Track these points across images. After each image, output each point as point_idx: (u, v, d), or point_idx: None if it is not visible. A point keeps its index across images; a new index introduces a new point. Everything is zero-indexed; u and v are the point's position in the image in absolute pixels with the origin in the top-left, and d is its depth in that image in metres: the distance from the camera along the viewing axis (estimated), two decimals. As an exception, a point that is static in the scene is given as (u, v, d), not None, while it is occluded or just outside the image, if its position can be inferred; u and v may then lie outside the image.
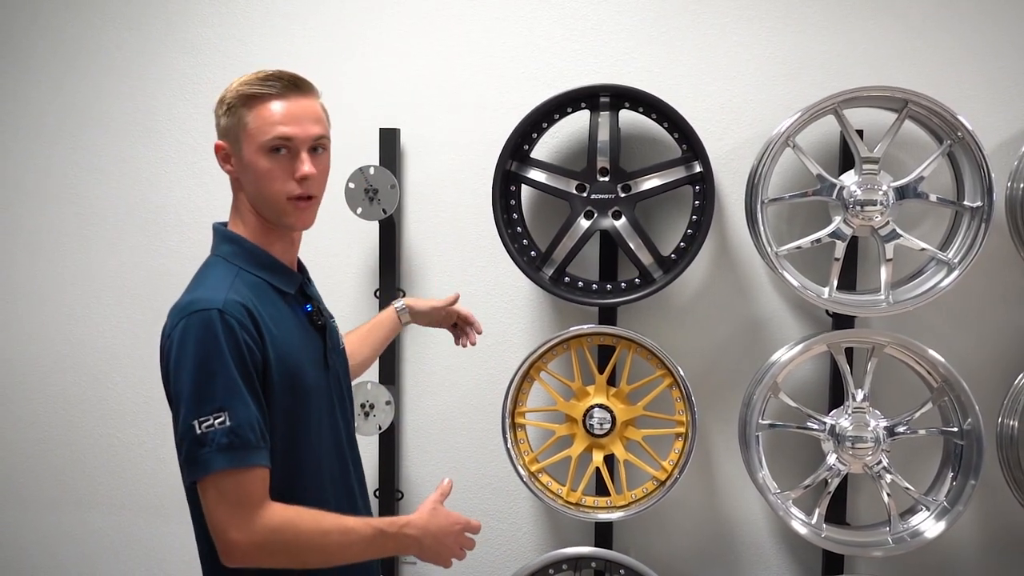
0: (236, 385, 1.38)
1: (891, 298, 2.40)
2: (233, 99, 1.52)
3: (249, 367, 1.42)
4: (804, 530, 2.42)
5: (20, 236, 3.05)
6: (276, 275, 1.57)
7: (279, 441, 1.49)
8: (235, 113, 1.52)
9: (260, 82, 1.53)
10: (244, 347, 1.41)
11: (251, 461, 1.39)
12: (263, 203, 1.54)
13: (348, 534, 1.45)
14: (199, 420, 1.37)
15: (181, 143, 2.92)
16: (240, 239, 1.56)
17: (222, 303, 1.42)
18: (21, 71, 2.98)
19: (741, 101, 2.65)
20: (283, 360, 1.49)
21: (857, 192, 2.36)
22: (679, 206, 2.65)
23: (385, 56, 2.79)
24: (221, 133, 1.55)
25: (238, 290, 1.47)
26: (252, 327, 1.44)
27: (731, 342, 2.71)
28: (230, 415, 1.37)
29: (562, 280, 2.53)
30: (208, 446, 1.36)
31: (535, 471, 2.56)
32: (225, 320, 1.40)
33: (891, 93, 2.33)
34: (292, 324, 1.56)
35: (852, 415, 2.43)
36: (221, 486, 1.37)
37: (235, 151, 1.53)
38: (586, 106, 2.47)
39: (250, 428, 1.39)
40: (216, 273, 1.52)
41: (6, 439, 3.13)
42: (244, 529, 1.38)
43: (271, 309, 1.52)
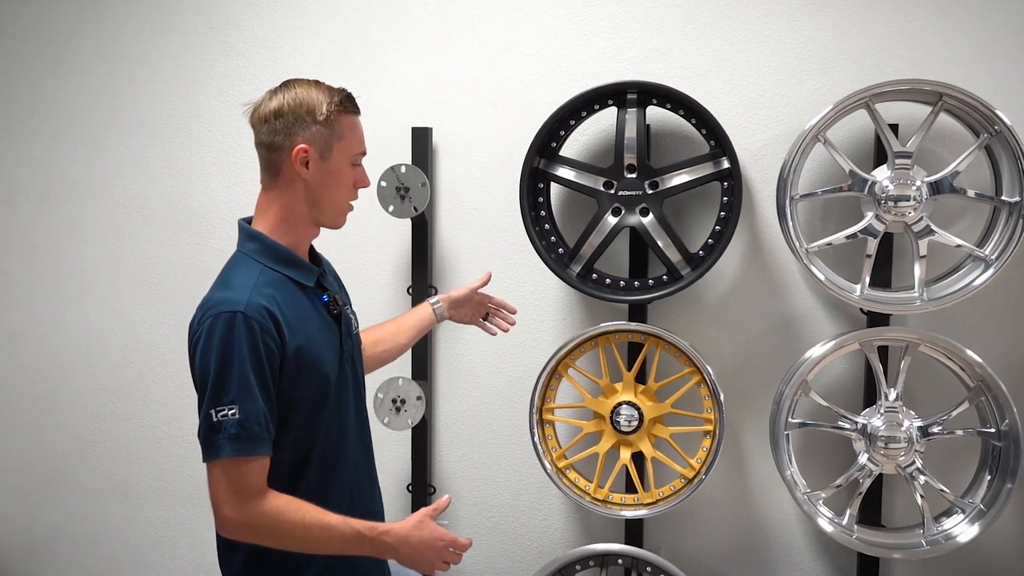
0: (248, 382, 1.55)
1: (925, 295, 2.35)
2: (330, 111, 1.66)
3: (264, 365, 1.57)
4: (831, 528, 2.39)
5: (70, 234, 3.16)
6: (296, 270, 1.71)
7: (299, 417, 1.65)
8: (331, 124, 1.67)
9: (350, 101, 1.71)
10: (262, 347, 1.56)
11: (255, 451, 1.56)
12: (329, 205, 1.71)
13: (328, 530, 1.59)
14: (215, 409, 1.55)
15: (223, 144, 3.00)
16: (263, 237, 1.69)
17: (245, 305, 1.57)
18: (70, 75, 3.09)
19: (773, 96, 2.62)
20: (303, 350, 1.64)
21: (889, 187, 2.31)
22: (708, 202, 2.63)
23: (417, 56, 2.83)
24: (308, 138, 1.66)
25: (261, 289, 1.61)
26: (272, 326, 1.59)
27: (763, 340, 2.68)
28: (240, 409, 1.54)
29: (590, 277, 2.54)
30: (221, 433, 1.54)
31: (562, 467, 2.57)
32: (247, 322, 1.56)
33: (925, 86, 2.28)
34: (311, 314, 1.70)
35: (885, 414, 2.38)
36: (226, 469, 1.56)
37: (322, 157, 1.67)
38: (613, 103, 2.47)
39: (256, 422, 1.55)
40: (242, 271, 1.66)
41: (57, 431, 3.24)
42: (237, 509, 1.56)
43: (291, 302, 1.66)
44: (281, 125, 1.65)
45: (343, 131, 1.68)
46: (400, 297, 2.88)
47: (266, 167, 1.70)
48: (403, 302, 2.86)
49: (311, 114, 1.65)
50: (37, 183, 3.17)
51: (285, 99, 1.67)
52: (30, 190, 3.19)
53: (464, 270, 2.85)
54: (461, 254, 2.85)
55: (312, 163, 1.66)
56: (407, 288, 2.85)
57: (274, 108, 1.66)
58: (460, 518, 2.94)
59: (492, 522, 2.92)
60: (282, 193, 1.68)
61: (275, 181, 1.69)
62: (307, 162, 1.66)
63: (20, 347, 3.25)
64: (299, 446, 1.68)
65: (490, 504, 2.92)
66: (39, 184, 3.17)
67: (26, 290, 3.22)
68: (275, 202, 1.70)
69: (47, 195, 3.17)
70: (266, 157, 1.69)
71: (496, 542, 2.92)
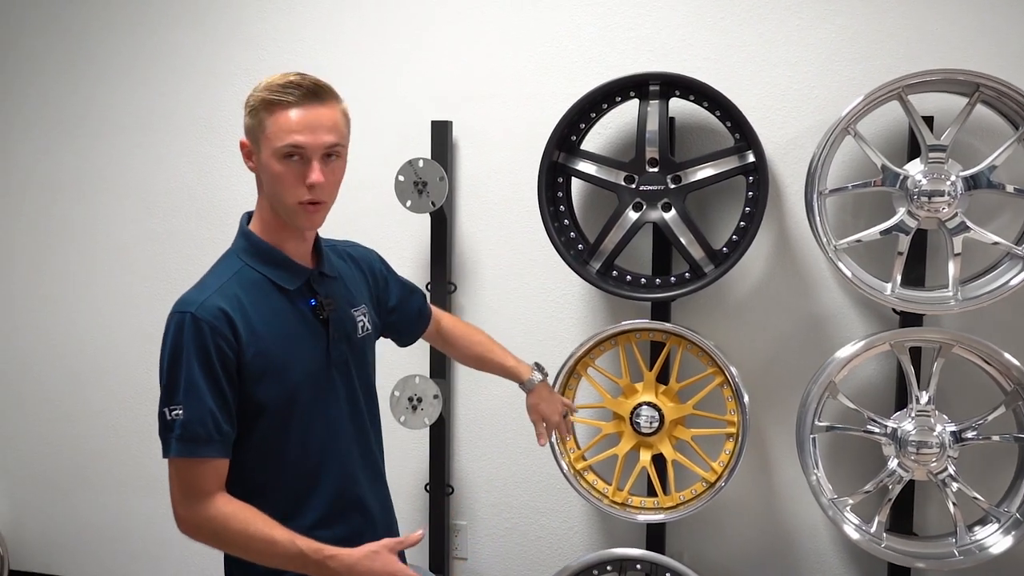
0: (195, 384, 1.52)
1: (960, 295, 2.25)
2: (255, 103, 1.57)
3: (215, 366, 1.53)
4: (856, 536, 2.30)
5: (93, 228, 3.17)
6: (279, 271, 1.63)
7: (265, 420, 1.60)
8: (256, 116, 1.57)
9: (280, 89, 1.57)
10: (212, 348, 1.53)
11: (199, 453, 1.53)
12: (277, 204, 1.61)
13: (271, 545, 1.54)
14: (168, 408, 1.53)
15: (239, 135, 2.97)
16: (251, 235, 1.64)
17: (198, 307, 1.54)
18: (88, 70, 3.09)
19: (803, 88, 2.53)
20: (265, 355, 1.58)
21: (922, 182, 2.22)
22: (733, 198, 2.55)
23: (438, 48, 2.78)
24: (245, 132, 1.61)
25: (226, 290, 1.57)
26: (226, 328, 1.54)
27: (791, 340, 2.59)
28: (185, 410, 1.52)
29: (610, 274, 2.47)
30: (171, 432, 1.53)
31: (580, 469, 2.51)
32: (196, 324, 1.53)
33: (960, 76, 2.18)
34: (288, 319, 1.63)
35: (916, 418, 2.29)
36: (177, 468, 1.55)
37: (255, 151, 1.60)
38: (635, 95, 2.40)
39: (201, 424, 1.52)
40: (218, 271, 1.63)
41: (81, 425, 3.25)
42: (186, 509, 1.54)
43: (263, 305, 1.60)
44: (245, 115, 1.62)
45: (265, 123, 1.55)
46: (419, 293, 2.83)
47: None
48: (422, 298, 2.81)
49: (246, 107, 1.59)
50: (57, 178, 3.19)
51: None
52: (52, 185, 3.20)
53: (484, 267, 2.80)
54: (481, 250, 2.80)
55: (254, 157, 1.60)
56: (426, 284, 2.80)
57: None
58: (478, 519, 2.89)
59: (511, 523, 2.87)
60: (258, 190, 1.64)
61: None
62: (250, 155, 1.61)
63: (43, 341, 3.27)
64: (267, 453, 1.62)
65: (508, 505, 2.86)
66: (60, 179, 3.18)
67: (50, 285, 3.24)
68: (261, 197, 1.64)
69: (69, 190, 3.18)
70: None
71: (514, 543, 2.87)
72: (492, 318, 2.80)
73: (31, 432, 3.31)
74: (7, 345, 3.31)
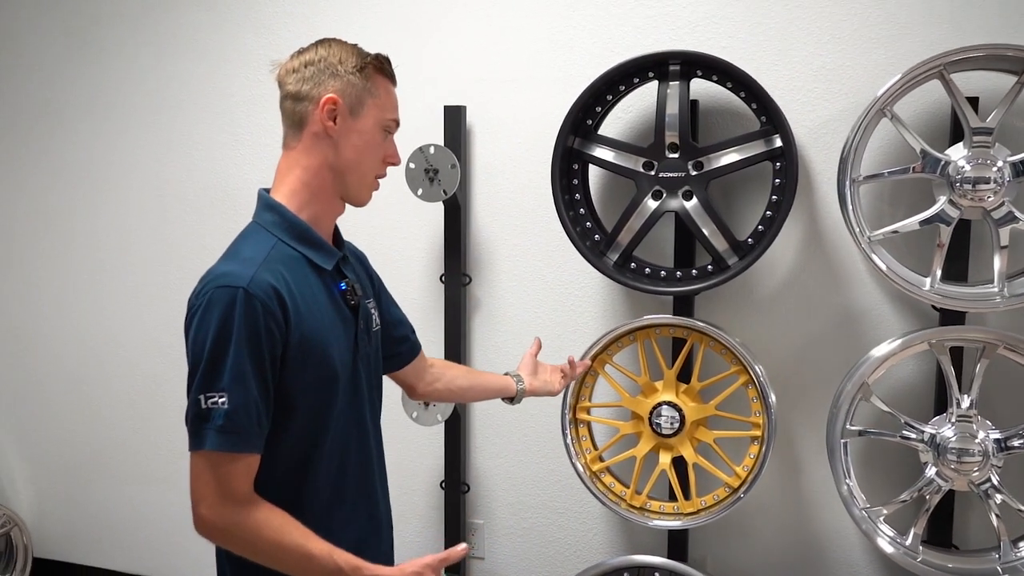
0: (243, 370, 1.37)
1: (1007, 291, 2.08)
2: (365, 64, 1.50)
3: (263, 352, 1.39)
4: (891, 549, 2.15)
5: (104, 217, 3.12)
6: (314, 250, 1.51)
7: (301, 415, 1.48)
8: (369, 78, 1.50)
9: (388, 63, 1.55)
10: (263, 330, 1.38)
11: (241, 448, 1.39)
12: (352, 173, 1.52)
13: (308, 559, 1.41)
14: (205, 395, 1.37)
15: (255, 124, 2.90)
16: (282, 208, 1.50)
17: (249, 281, 1.38)
18: (99, 56, 3.03)
19: (835, 67, 2.36)
20: (309, 339, 1.45)
21: (965, 168, 2.05)
22: (761, 185, 2.40)
23: (451, 30, 2.66)
24: (338, 89, 1.49)
25: (270, 266, 1.43)
26: (278, 308, 1.40)
27: (823, 337, 2.43)
28: (230, 398, 1.37)
29: (628, 266, 2.34)
30: (209, 422, 1.37)
31: (597, 471, 2.39)
32: (249, 301, 1.37)
33: (1008, 51, 2.00)
34: (325, 302, 1.51)
35: (956, 424, 2.12)
36: (211, 463, 1.38)
37: (352, 113, 1.49)
38: (654, 76, 2.26)
39: (246, 414, 1.38)
40: (253, 244, 1.48)
41: (101, 416, 3.22)
42: (215, 510, 1.39)
43: (304, 285, 1.47)
44: (310, 73, 1.48)
45: (377, 88, 1.51)
46: (432, 286, 2.73)
47: (290, 122, 1.51)
48: (436, 292, 2.71)
49: (343, 64, 1.49)
50: (69, 166, 3.14)
51: (318, 51, 1.51)
52: (62, 173, 3.16)
53: (501, 257, 2.68)
54: (497, 240, 2.68)
55: (340, 118, 1.48)
56: (440, 276, 2.69)
57: (304, 59, 1.50)
58: (495, 518, 2.79)
59: (528, 523, 2.76)
60: (305, 153, 1.49)
61: (298, 138, 1.50)
62: (335, 116, 1.48)
63: (57, 333, 3.24)
64: (298, 452, 1.49)
65: (526, 504, 2.75)
66: (72, 167, 3.14)
67: (70, 274, 3.21)
68: (296, 164, 1.50)
69: (81, 178, 3.13)
70: (291, 109, 1.50)
71: (532, 544, 2.76)
72: (508, 311, 2.68)
73: (54, 422, 3.30)
74: (29, 335, 3.29)
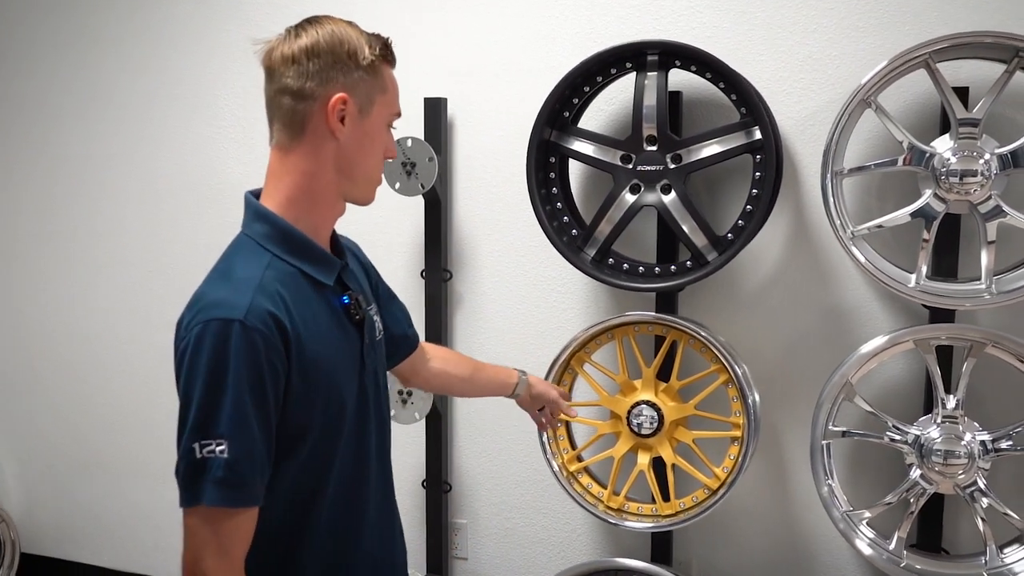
0: (244, 413, 1.22)
1: (994, 288, 2.01)
2: (373, 57, 1.34)
3: (266, 389, 1.24)
4: (869, 551, 2.09)
5: (89, 213, 3.10)
6: (314, 264, 1.35)
7: (309, 446, 1.34)
8: (377, 72, 1.35)
9: (390, 48, 1.39)
10: (265, 365, 1.23)
11: (244, 502, 1.24)
12: (360, 175, 1.37)
13: None
14: (201, 443, 1.21)
15: (237, 116, 2.86)
16: (274, 218, 1.33)
17: (245, 311, 1.22)
18: (90, 50, 3.01)
19: (822, 57, 2.29)
20: (313, 366, 1.30)
21: (951, 160, 1.98)
22: (747, 178, 2.32)
23: (431, 19, 2.61)
24: (348, 86, 1.31)
25: (266, 288, 1.27)
26: (278, 338, 1.25)
27: (810, 335, 2.37)
28: (231, 446, 1.21)
29: (605, 262, 2.28)
30: (206, 474, 1.21)
31: (574, 471, 2.33)
32: (247, 335, 1.22)
33: (995, 39, 1.93)
34: (327, 321, 1.36)
35: (942, 425, 2.05)
36: (209, 520, 1.24)
37: (361, 112, 1.34)
38: (632, 66, 2.20)
39: (249, 463, 1.23)
40: (245, 261, 1.31)
41: (92, 411, 3.21)
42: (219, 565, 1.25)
43: (304, 305, 1.32)
44: (315, 67, 1.29)
45: (385, 83, 1.36)
46: (413, 281, 2.68)
47: (288, 121, 1.32)
48: (416, 287, 2.66)
49: (353, 57, 1.31)
50: (56, 160, 3.12)
51: (320, 35, 1.30)
52: (48, 167, 3.14)
53: (482, 253, 2.63)
54: (479, 236, 2.63)
55: (349, 118, 1.32)
56: (420, 272, 2.65)
57: (306, 45, 1.30)
58: (478, 518, 2.74)
59: (512, 523, 2.71)
60: (305, 156, 1.32)
61: (298, 140, 1.32)
62: (343, 116, 1.31)
63: (55, 327, 3.23)
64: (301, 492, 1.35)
65: (509, 504, 2.70)
66: (59, 161, 3.12)
67: (58, 271, 3.19)
68: (295, 168, 1.32)
69: (68, 173, 3.12)
70: (290, 108, 1.31)
71: (515, 544, 2.71)
72: (490, 307, 2.63)
73: (43, 418, 3.28)
74: (18, 331, 3.28)
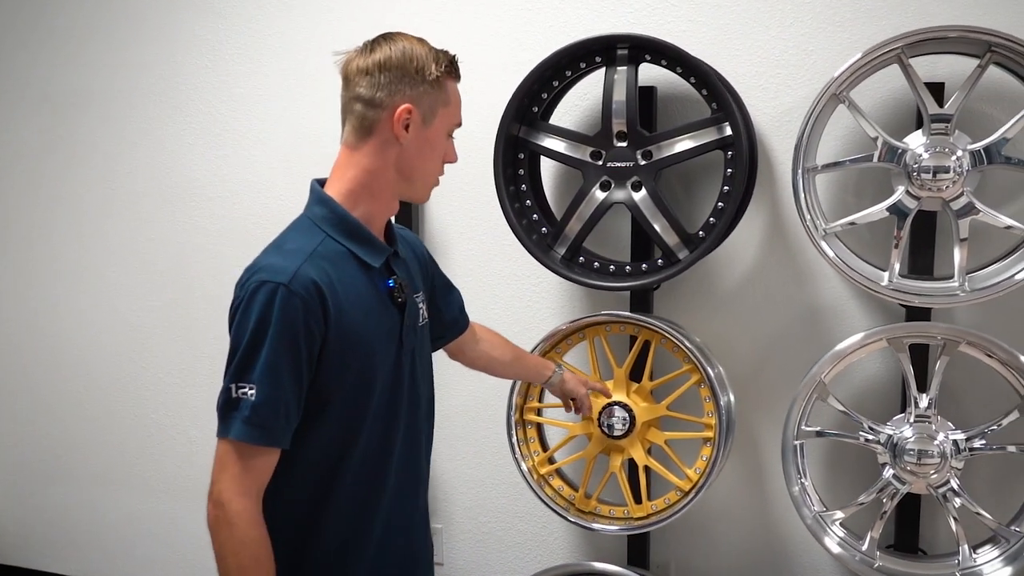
0: (276, 366, 1.40)
1: (967, 285, 1.97)
2: (440, 73, 1.51)
3: (300, 348, 1.41)
4: (838, 550, 2.06)
5: (55, 216, 3.05)
6: (363, 247, 1.52)
7: (338, 411, 1.50)
8: (442, 86, 1.52)
9: (456, 64, 1.56)
10: (301, 327, 1.41)
11: (265, 441, 1.42)
12: (420, 176, 1.56)
13: None
14: (236, 384, 1.41)
15: (205, 114, 2.82)
16: (333, 204, 1.51)
17: (290, 277, 1.41)
18: (52, 45, 2.96)
19: (799, 51, 2.25)
20: (349, 335, 1.47)
21: (923, 156, 1.94)
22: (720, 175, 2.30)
23: (402, 12, 2.58)
24: (413, 98, 1.49)
25: (315, 261, 1.45)
26: (318, 304, 1.42)
27: (787, 334, 2.33)
28: (259, 391, 1.39)
29: (576, 260, 2.24)
30: (237, 411, 1.40)
31: (545, 473, 2.30)
32: (289, 298, 1.40)
33: (967, 34, 1.89)
34: (369, 299, 1.52)
35: (914, 425, 2.02)
36: (234, 451, 1.42)
37: (424, 122, 1.51)
38: (602, 61, 2.16)
39: (272, 409, 1.41)
40: (300, 236, 1.50)
41: (55, 417, 3.15)
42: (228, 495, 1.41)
43: (349, 282, 1.49)
44: (386, 79, 1.48)
45: (449, 96, 1.54)
46: (385, 280, 2.64)
47: (358, 124, 1.51)
48: (388, 285, 2.62)
49: (420, 72, 1.49)
50: (18, 158, 3.07)
51: (392, 51, 1.50)
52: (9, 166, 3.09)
53: (456, 253, 2.60)
54: (452, 235, 2.60)
55: (413, 126, 1.50)
56: (393, 270, 2.61)
57: (378, 60, 1.49)
58: (453, 522, 2.71)
59: (487, 527, 2.68)
60: (370, 156, 1.51)
61: (364, 141, 1.51)
62: (407, 125, 1.49)
63: (20, 331, 3.18)
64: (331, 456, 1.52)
65: (484, 508, 2.67)
66: (20, 159, 3.07)
67: (24, 273, 3.14)
68: (358, 165, 1.51)
69: (30, 170, 3.06)
70: (361, 113, 1.50)
71: (492, 548, 2.68)
72: (466, 307, 2.59)
73: (9, 424, 3.23)
74: (-15, 331, 3.24)
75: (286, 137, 2.73)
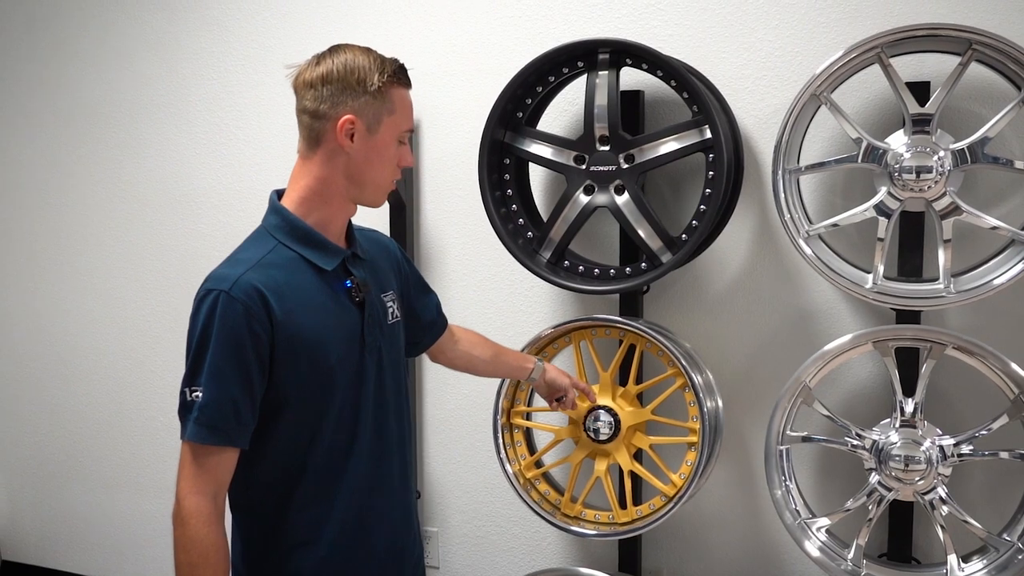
0: (219, 368, 1.46)
1: (952, 287, 1.94)
2: (383, 83, 1.55)
3: (246, 350, 1.46)
4: (817, 554, 2.03)
5: (64, 222, 3.13)
6: (315, 251, 1.57)
7: (297, 410, 1.54)
8: (385, 95, 1.55)
9: (402, 70, 1.59)
10: (245, 330, 1.46)
11: (215, 440, 1.47)
12: (371, 183, 1.59)
13: None
14: (189, 388, 1.48)
15: (211, 123, 2.88)
16: (285, 212, 1.57)
17: (232, 285, 1.46)
18: (61, 56, 3.05)
19: (785, 53, 2.24)
20: (300, 336, 1.51)
21: (904, 156, 1.92)
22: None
23: (396, 21, 2.61)
24: (355, 109, 1.53)
25: (263, 268, 1.50)
26: (260, 308, 1.47)
27: (776, 338, 2.31)
28: (205, 393, 1.46)
29: (561, 264, 2.25)
30: (189, 414, 1.47)
31: (532, 477, 2.30)
32: (230, 304, 1.46)
33: (949, 32, 1.87)
34: (324, 301, 1.56)
35: (900, 430, 1.98)
36: (190, 452, 1.48)
37: (369, 131, 1.55)
38: (584, 65, 2.17)
39: (219, 409, 1.46)
40: (252, 247, 1.56)
41: (70, 422, 3.23)
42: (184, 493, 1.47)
43: (299, 285, 1.54)
44: (328, 92, 1.53)
45: (394, 105, 1.57)
46: (381, 285, 2.67)
47: (306, 135, 1.57)
48: (384, 291, 2.65)
49: (361, 83, 1.53)
50: (26, 167, 3.15)
51: (334, 64, 1.54)
52: (18, 174, 3.17)
53: (450, 259, 2.61)
54: (446, 241, 2.62)
55: (358, 136, 1.54)
56: (388, 276, 2.63)
57: (321, 73, 1.54)
58: (449, 526, 2.72)
59: (483, 531, 2.68)
60: (320, 164, 1.56)
61: (314, 151, 1.57)
62: (352, 134, 1.54)
63: (36, 335, 3.27)
64: (291, 454, 1.56)
65: (480, 512, 2.68)
66: (29, 169, 3.15)
67: (39, 278, 3.23)
68: (310, 173, 1.57)
69: (37, 180, 3.15)
70: (308, 125, 1.56)
71: (486, 553, 2.68)
72: (460, 313, 2.61)
73: (27, 425, 3.32)
74: (0, 341, 3.32)
75: (289, 146, 2.76)
